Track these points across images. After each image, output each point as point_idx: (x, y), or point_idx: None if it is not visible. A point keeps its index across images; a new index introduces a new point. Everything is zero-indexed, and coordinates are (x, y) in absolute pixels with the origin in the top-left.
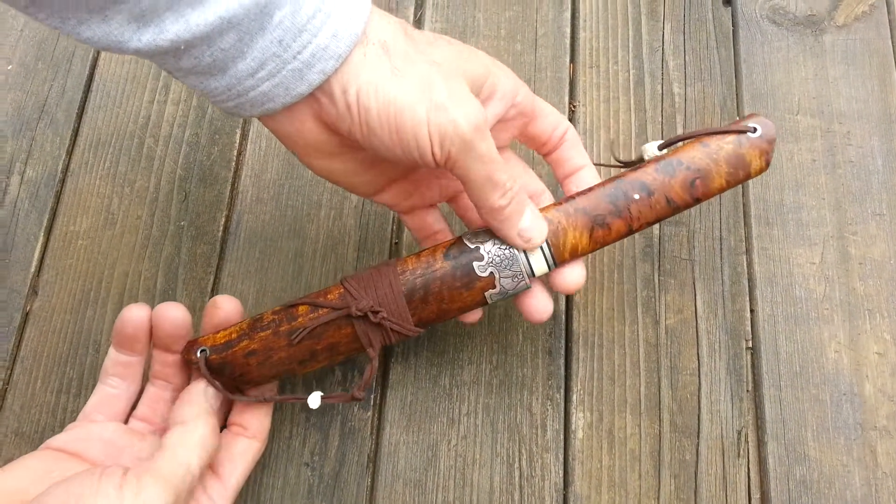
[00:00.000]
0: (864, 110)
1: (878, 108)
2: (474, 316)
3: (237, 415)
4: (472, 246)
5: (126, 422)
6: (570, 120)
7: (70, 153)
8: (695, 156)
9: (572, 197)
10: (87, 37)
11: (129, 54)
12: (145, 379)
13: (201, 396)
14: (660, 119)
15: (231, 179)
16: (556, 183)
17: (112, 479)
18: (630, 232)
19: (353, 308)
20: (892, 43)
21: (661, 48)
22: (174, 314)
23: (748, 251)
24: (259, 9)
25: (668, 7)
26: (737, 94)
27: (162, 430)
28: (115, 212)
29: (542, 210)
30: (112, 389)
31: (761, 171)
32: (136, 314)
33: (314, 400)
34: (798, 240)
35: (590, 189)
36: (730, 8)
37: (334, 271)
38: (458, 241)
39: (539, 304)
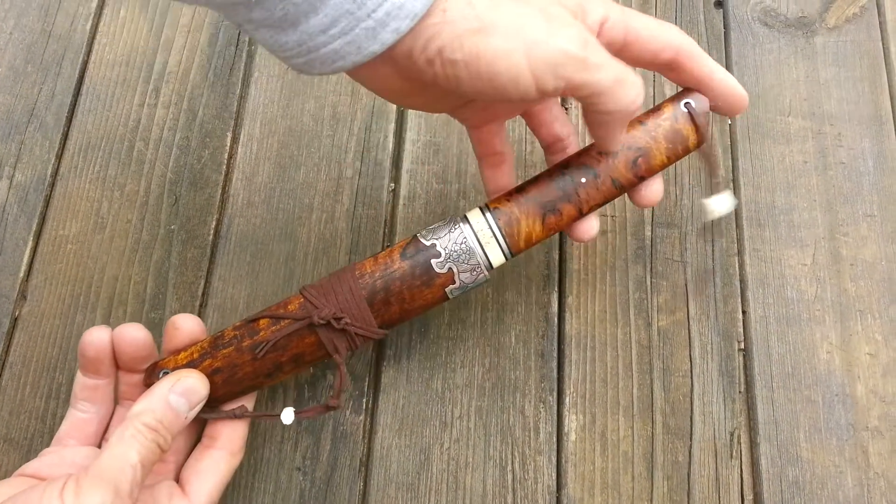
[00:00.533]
0: (855, 112)
1: (868, 109)
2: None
3: (209, 426)
4: (428, 243)
5: (100, 445)
6: None
7: (59, 157)
8: (635, 135)
9: (522, 187)
10: None
11: (201, 4)
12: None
13: (159, 392)
14: None
15: (222, 183)
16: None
17: (54, 487)
18: (581, 215)
19: (315, 317)
20: (883, 45)
21: None
22: (134, 335)
23: (740, 253)
24: None
25: (660, 9)
26: None
27: None
28: (104, 216)
29: (494, 203)
30: (82, 414)
31: (698, 144)
32: (95, 337)
33: (287, 416)
34: (789, 241)
35: (538, 178)
36: (721, 10)
37: (326, 275)
38: (413, 239)
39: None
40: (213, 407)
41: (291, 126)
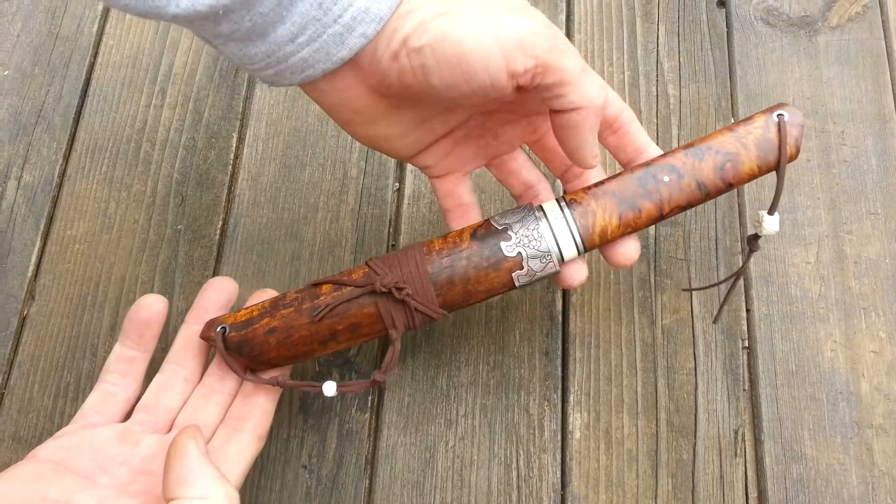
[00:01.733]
0: (859, 110)
1: (871, 108)
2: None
3: (237, 407)
4: (500, 227)
5: (127, 419)
6: None
7: (67, 158)
8: (724, 140)
9: (602, 182)
10: (125, 3)
11: (167, 20)
12: (146, 384)
13: (195, 456)
14: (655, 120)
15: (228, 183)
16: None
17: None
18: (661, 215)
19: (378, 284)
20: (886, 43)
21: (655, 50)
22: (229, 287)
23: (743, 251)
24: None
25: (663, 9)
26: (731, 95)
27: (162, 424)
28: (111, 216)
29: (571, 195)
30: (112, 387)
31: (792, 156)
32: (152, 300)
33: (329, 388)
34: (793, 239)
35: (620, 174)
36: (724, 9)
37: (331, 274)
38: (485, 222)
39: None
40: (258, 369)
41: (296, 126)
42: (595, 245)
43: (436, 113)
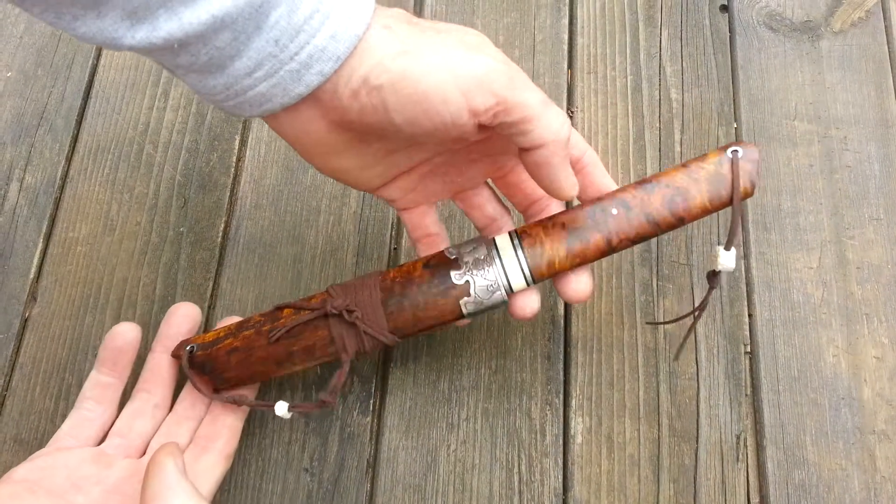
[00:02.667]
0: (861, 115)
1: (874, 113)
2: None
3: (206, 427)
4: (452, 256)
5: (100, 444)
6: None
7: (69, 159)
8: (676, 176)
9: (554, 215)
10: (83, 33)
11: (125, 50)
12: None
13: (174, 473)
14: (657, 125)
15: (230, 185)
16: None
17: None
18: (611, 248)
19: (329, 306)
20: (889, 49)
21: (658, 54)
22: (192, 313)
23: (746, 256)
24: (254, 8)
25: (666, 13)
26: (734, 100)
27: (135, 449)
28: (114, 218)
29: (523, 228)
30: (87, 412)
31: (747, 193)
32: (126, 328)
33: (280, 408)
34: (796, 244)
35: (571, 208)
36: (727, 14)
37: (333, 277)
38: (440, 253)
39: (525, 301)
40: (221, 388)
41: None
42: (544, 276)
43: (400, 147)
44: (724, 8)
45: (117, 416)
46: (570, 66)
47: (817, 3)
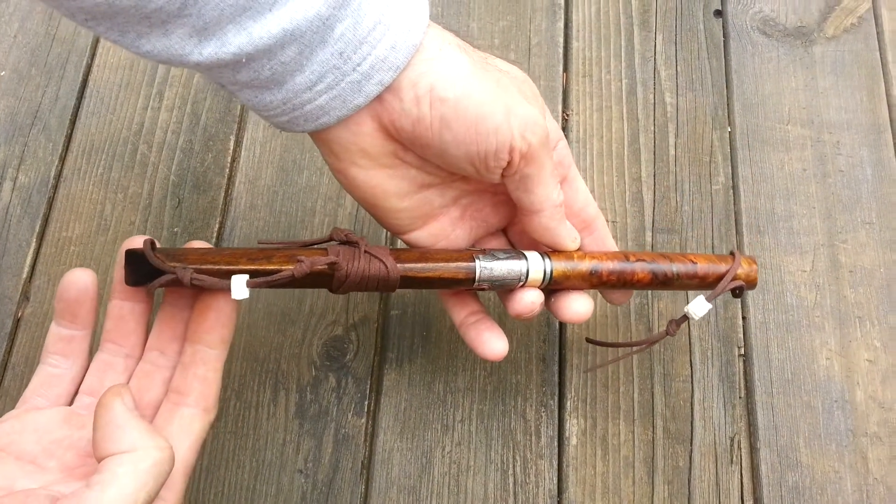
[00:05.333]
0: (854, 120)
1: (867, 118)
2: (501, 347)
3: (178, 378)
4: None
5: (70, 404)
6: (563, 129)
7: (63, 159)
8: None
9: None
10: (147, 50)
11: (188, 67)
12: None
13: (122, 412)
14: (652, 128)
15: (225, 186)
16: None
17: None
18: (624, 280)
19: (335, 235)
20: (881, 54)
21: (653, 58)
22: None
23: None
24: (321, 21)
25: (660, 18)
26: (728, 104)
27: None
28: (107, 218)
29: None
30: (53, 369)
31: (748, 279)
32: (78, 277)
33: (238, 283)
34: (789, 248)
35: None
36: (721, 19)
37: None
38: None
39: (526, 297)
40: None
41: None
42: (561, 279)
43: (433, 182)
44: (719, 13)
45: (89, 365)
46: (566, 69)
47: (810, 8)
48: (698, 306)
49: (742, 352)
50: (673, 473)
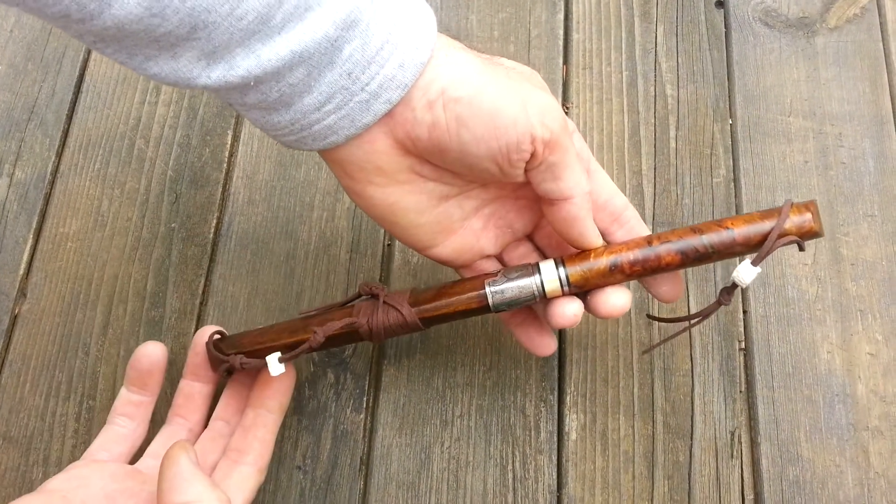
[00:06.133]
0: (856, 112)
1: (869, 110)
2: (548, 345)
3: (238, 439)
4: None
5: (131, 463)
6: None
7: (60, 155)
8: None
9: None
10: (154, 73)
11: (196, 89)
12: (154, 425)
13: (188, 465)
14: (653, 120)
15: (222, 181)
16: None
17: None
18: (650, 268)
19: (361, 290)
20: (884, 45)
21: (654, 50)
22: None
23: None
24: (329, 43)
25: (661, 9)
26: (729, 96)
27: None
28: (104, 213)
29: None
30: (120, 429)
31: (809, 231)
32: (151, 350)
33: (272, 361)
34: None
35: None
36: (722, 10)
37: (326, 273)
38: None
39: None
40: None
41: None
42: (580, 282)
43: (452, 193)
44: (720, 4)
45: (148, 432)
46: (566, 61)
47: None
48: (745, 272)
49: (743, 346)
50: (673, 468)
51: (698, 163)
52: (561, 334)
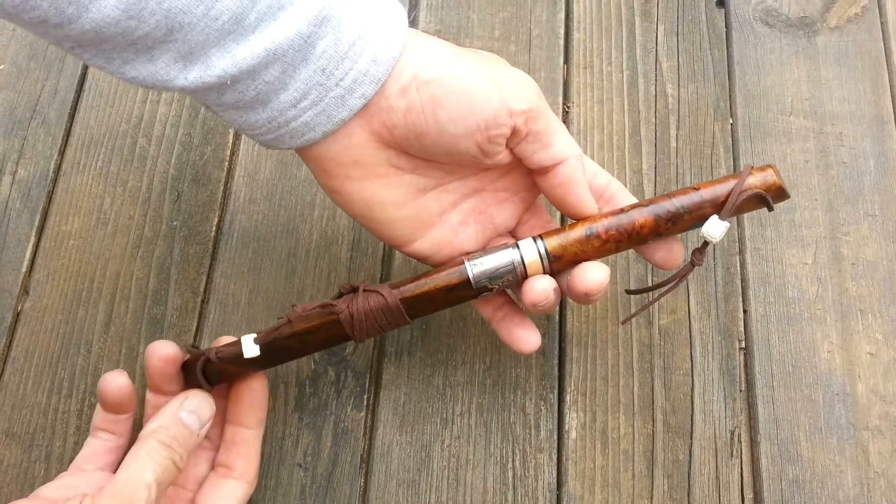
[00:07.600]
0: (857, 112)
1: (870, 109)
2: (530, 338)
3: (223, 454)
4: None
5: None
6: (564, 121)
7: (62, 153)
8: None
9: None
10: (132, 76)
11: (173, 91)
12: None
13: (170, 411)
14: (653, 120)
15: (224, 179)
16: None
17: None
18: (628, 234)
19: (342, 289)
20: (884, 45)
21: (654, 49)
22: (165, 351)
23: (741, 252)
24: (303, 39)
25: (662, 8)
26: (730, 96)
27: None
28: (107, 212)
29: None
30: (103, 442)
31: (772, 188)
32: (113, 384)
33: (247, 342)
34: (791, 240)
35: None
36: (723, 9)
37: (328, 271)
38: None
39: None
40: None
41: None
42: (560, 256)
43: (430, 183)
44: (721, 3)
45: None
46: (566, 60)
47: None
48: (713, 226)
49: (743, 345)
50: (673, 467)
51: (699, 162)
52: (561, 333)
